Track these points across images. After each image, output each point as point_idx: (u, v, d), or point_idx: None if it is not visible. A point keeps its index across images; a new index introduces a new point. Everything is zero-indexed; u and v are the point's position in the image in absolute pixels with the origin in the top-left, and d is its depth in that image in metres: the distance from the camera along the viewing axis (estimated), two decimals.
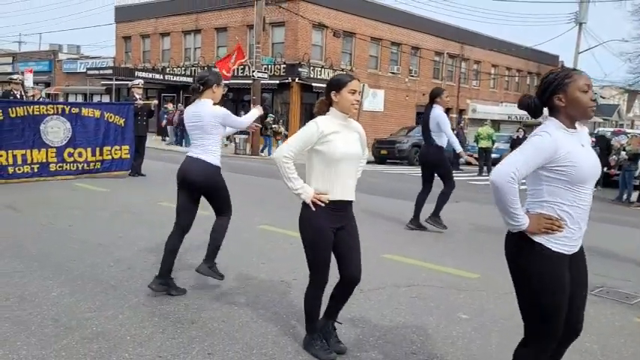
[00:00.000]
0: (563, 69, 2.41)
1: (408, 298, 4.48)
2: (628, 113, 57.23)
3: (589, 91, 2.31)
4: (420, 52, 31.03)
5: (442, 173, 7.32)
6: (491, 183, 2.27)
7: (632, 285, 5.23)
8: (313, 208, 3.04)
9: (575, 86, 2.30)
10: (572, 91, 2.29)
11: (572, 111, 2.31)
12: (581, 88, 2.29)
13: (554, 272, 2.30)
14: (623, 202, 12.66)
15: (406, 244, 6.53)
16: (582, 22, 28.83)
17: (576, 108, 2.30)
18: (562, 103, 2.32)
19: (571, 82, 2.30)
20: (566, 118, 2.33)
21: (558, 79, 2.33)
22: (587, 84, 2.31)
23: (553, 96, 2.34)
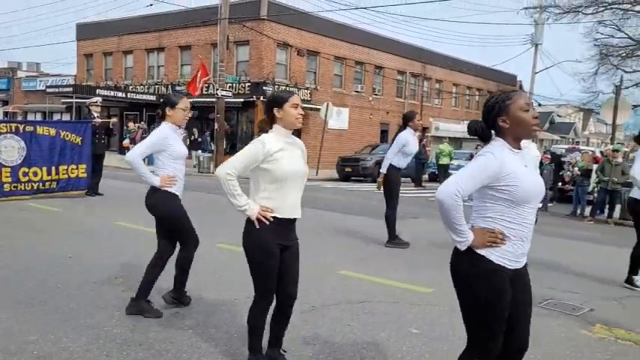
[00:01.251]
0: (503, 92, 2.47)
1: (361, 314, 4.50)
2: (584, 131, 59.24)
3: (530, 110, 2.38)
4: (383, 72, 31.52)
5: (388, 193, 7.42)
6: (437, 200, 2.33)
7: (579, 297, 5.37)
8: (257, 225, 3.03)
9: (516, 106, 2.37)
10: (514, 112, 2.37)
11: (516, 131, 2.38)
12: (522, 107, 2.37)
13: (495, 284, 2.35)
14: (577, 216, 13.03)
15: (364, 260, 6.57)
16: (538, 43, 29.88)
17: (520, 127, 2.37)
18: (506, 125, 2.38)
19: (512, 103, 2.38)
20: (512, 138, 2.40)
21: (499, 102, 2.41)
22: (527, 103, 2.39)
23: (497, 118, 2.41)
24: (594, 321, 4.64)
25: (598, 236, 10.04)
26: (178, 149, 4.16)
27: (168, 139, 4.09)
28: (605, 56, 29.77)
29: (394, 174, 7.35)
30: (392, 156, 7.26)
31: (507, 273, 2.37)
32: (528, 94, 30.34)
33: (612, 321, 4.66)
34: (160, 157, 4.12)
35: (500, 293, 2.35)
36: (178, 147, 4.16)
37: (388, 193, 7.44)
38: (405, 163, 7.36)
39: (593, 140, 56.32)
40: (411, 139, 7.19)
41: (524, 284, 2.49)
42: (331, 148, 26.16)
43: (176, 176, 4.15)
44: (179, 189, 4.20)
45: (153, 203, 4.14)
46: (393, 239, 7.42)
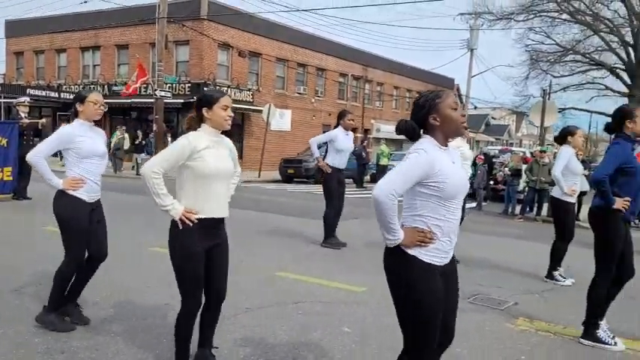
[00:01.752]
0: (432, 91, 2.56)
1: (295, 314, 4.53)
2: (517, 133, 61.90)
3: (458, 108, 2.48)
4: (325, 74, 31.76)
5: (326, 193, 7.52)
6: (374, 199, 2.37)
7: (505, 292, 5.61)
8: (181, 226, 2.99)
9: (445, 105, 2.45)
10: (444, 110, 2.45)
11: (445, 128, 2.46)
12: (451, 106, 2.46)
13: (427, 282, 2.41)
14: (508, 215, 13.59)
15: (301, 261, 6.60)
16: (473, 48, 30.91)
17: (450, 125, 2.46)
18: (437, 122, 2.46)
19: (441, 101, 2.46)
20: (441, 135, 2.47)
21: (430, 100, 2.48)
22: (455, 102, 2.48)
23: (428, 116, 2.48)
24: (518, 314, 4.86)
25: (526, 233, 10.51)
26: (87, 147, 3.79)
27: (74, 136, 3.77)
28: (536, 61, 31.18)
29: (332, 174, 7.42)
30: (315, 142, 7.37)
31: (438, 270, 2.45)
32: (465, 97, 31.42)
33: (534, 314, 4.90)
34: (67, 156, 3.81)
35: (433, 291, 2.42)
36: (88, 145, 3.80)
37: (327, 192, 7.54)
38: (340, 161, 7.43)
39: (526, 142, 58.85)
40: (340, 135, 7.30)
41: (451, 276, 2.57)
42: (274, 149, 26.10)
43: (83, 178, 3.79)
44: (89, 192, 3.83)
45: (54, 208, 3.83)
46: (328, 239, 7.49)
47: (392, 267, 2.48)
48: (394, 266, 2.47)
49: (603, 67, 30.55)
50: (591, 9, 29.19)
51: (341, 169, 7.49)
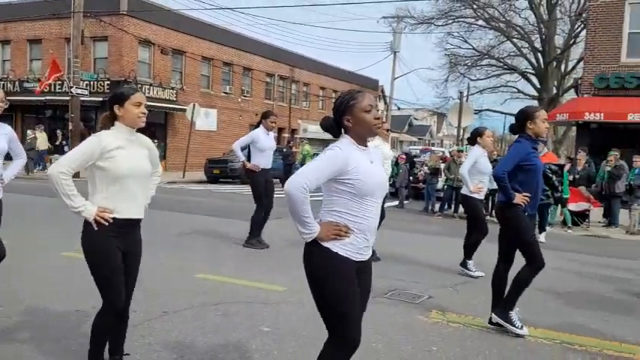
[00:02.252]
0: (350, 92, 2.62)
1: (214, 316, 4.48)
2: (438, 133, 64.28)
3: (372, 111, 2.52)
4: (251, 73, 31.56)
5: (252, 193, 7.52)
6: (286, 192, 2.39)
7: (420, 286, 5.83)
8: (95, 227, 2.89)
9: (359, 107, 2.50)
10: (357, 112, 2.50)
11: (359, 129, 2.52)
12: (364, 108, 2.50)
13: (342, 276, 2.47)
14: (428, 212, 14.11)
15: (222, 262, 6.54)
16: (396, 50, 31.79)
17: (362, 126, 2.51)
18: (349, 124, 2.52)
19: (355, 103, 2.51)
20: (356, 136, 2.53)
21: (345, 102, 2.53)
22: (370, 104, 2.53)
23: (342, 117, 2.54)
24: (431, 307, 5.06)
25: (445, 230, 10.95)
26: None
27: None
28: (454, 65, 32.55)
29: (259, 174, 7.41)
30: (239, 146, 7.34)
31: (353, 265, 2.51)
32: (388, 98, 32.23)
33: (446, 306, 5.12)
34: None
35: (349, 283, 2.48)
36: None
37: (255, 193, 7.51)
38: (263, 160, 7.41)
39: (447, 142, 61.20)
40: (261, 136, 7.31)
41: (365, 275, 2.63)
42: (199, 149, 25.65)
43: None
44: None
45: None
46: (252, 239, 7.47)
47: (308, 260, 2.52)
48: (310, 260, 2.51)
49: (515, 71, 32.35)
50: (504, 16, 30.84)
51: (267, 169, 7.49)
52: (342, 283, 2.47)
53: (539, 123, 4.34)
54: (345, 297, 2.47)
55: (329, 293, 2.47)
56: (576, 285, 6.44)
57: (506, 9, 31.11)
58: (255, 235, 7.52)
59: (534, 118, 4.34)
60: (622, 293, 6.16)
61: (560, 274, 6.89)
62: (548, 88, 30.69)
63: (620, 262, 8.33)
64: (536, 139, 4.44)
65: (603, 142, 15.98)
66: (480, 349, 4.05)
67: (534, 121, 4.34)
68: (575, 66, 31.16)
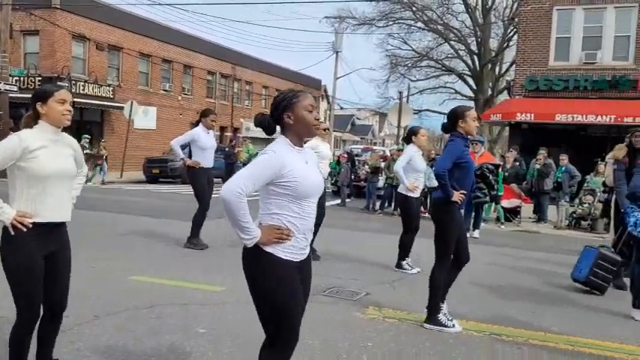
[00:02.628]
0: (292, 90, 2.61)
1: (147, 319, 4.38)
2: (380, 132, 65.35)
3: (313, 111, 2.53)
4: (192, 71, 31.00)
5: (194, 193, 7.41)
6: (222, 199, 2.35)
7: (358, 283, 5.91)
8: (12, 232, 2.76)
9: (301, 106, 2.50)
10: (299, 110, 2.50)
11: (298, 128, 2.51)
12: (306, 107, 2.51)
13: (285, 277, 2.46)
14: (369, 210, 14.32)
15: (158, 263, 6.39)
16: (338, 50, 32.07)
17: (302, 125, 2.51)
18: (290, 121, 2.51)
19: (298, 101, 2.51)
20: (295, 135, 2.52)
21: (287, 99, 2.52)
22: (311, 104, 2.54)
23: (283, 114, 2.52)
24: (368, 304, 5.14)
25: (385, 227, 11.14)
26: None
27: None
28: (395, 65, 33.21)
29: (200, 173, 7.29)
30: (177, 144, 7.20)
31: (295, 266, 2.51)
32: (331, 98, 32.49)
33: (383, 302, 5.22)
34: None
35: (292, 285, 2.48)
36: None
37: (197, 192, 7.40)
38: (205, 159, 7.32)
39: (389, 141, 62.33)
40: (201, 134, 7.20)
41: (306, 272, 2.63)
42: (138, 148, 24.93)
43: None
44: None
45: None
46: (192, 239, 7.34)
47: (250, 265, 2.50)
48: (252, 264, 2.49)
49: (453, 72, 33.35)
50: (442, 19, 31.73)
51: (208, 168, 7.38)
52: (286, 287, 2.47)
53: (469, 122, 4.49)
54: (289, 301, 2.47)
55: (273, 298, 2.46)
56: (507, 278, 6.71)
57: (444, 12, 32.04)
58: (195, 235, 7.39)
59: (465, 117, 4.49)
60: (549, 286, 6.47)
61: (493, 269, 7.17)
62: (484, 89, 31.83)
63: (549, 255, 8.74)
64: (467, 137, 4.59)
65: (534, 142, 16.71)
66: (414, 343, 4.15)
67: (465, 120, 4.49)
68: (509, 68, 32.46)
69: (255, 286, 2.50)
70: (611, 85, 17.71)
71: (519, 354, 4.05)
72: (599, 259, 6.03)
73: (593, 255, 6.09)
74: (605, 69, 17.90)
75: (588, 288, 6.12)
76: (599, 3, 17.96)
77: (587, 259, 6.15)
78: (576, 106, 17.42)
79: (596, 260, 6.03)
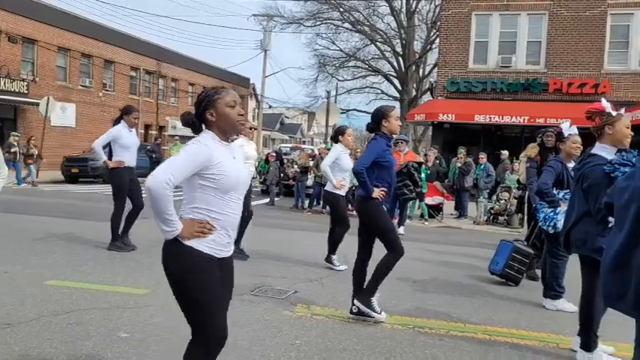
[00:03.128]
0: (215, 87, 2.57)
1: (65, 325, 4.17)
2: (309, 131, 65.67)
3: (236, 107, 2.51)
4: (114, 66, 29.83)
5: (112, 192, 7.15)
6: (148, 189, 2.29)
7: (286, 281, 5.93)
8: None
9: (223, 102, 2.48)
10: (221, 107, 2.48)
11: (222, 125, 2.49)
12: (228, 103, 2.48)
13: (206, 273, 2.43)
14: (298, 209, 14.39)
15: (78, 266, 6.11)
16: (267, 49, 31.95)
17: (225, 122, 2.49)
18: (213, 118, 2.48)
19: (219, 98, 2.48)
20: (219, 131, 2.50)
21: (209, 97, 2.49)
22: (234, 100, 2.51)
23: (205, 112, 2.48)
24: (297, 301, 5.17)
25: (313, 225, 11.23)
26: None
27: None
28: (323, 65, 33.55)
29: (122, 172, 7.03)
30: (100, 145, 6.91)
31: (216, 262, 2.48)
32: (260, 96, 32.33)
33: (311, 300, 5.27)
34: None
35: (212, 280, 2.45)
36: None
37: (116, 192, 7.11)
38: (127, 158, 7.06)
39: (317, 140, 62.78)
40: (123, 132, 6.95)
41: (229, 274, 2.61)
42: (55, 147, 23.67)
43: None
44: None
45: None
46: (115, 242, 7.08)
47: (170, 260, 2.46)
48: (172, 259, 2.45)
49: (379, 73, 34.13)
50: (369, 20, 32.39)
51: (132, 167, 7.13)
52: (207, 282, 2.44)
53: (392, 121, 4.62)
54: (210, 296, 2.45)
55: (193, 293, 2.43)
56: (430, 272, 6.96)
57: (370, 14, 32.73)
58: (121, 236, 7.13)
59: (388, 117, 4.62)
60: (469, 278, 6.77)
61: (417, 263, 7.40)
62: (409, 90, 32.80)
63: (469, 249, 9.15)
64: (391, 136, 4.73)
65: (455, 141, 17.46)
66: (340, 339, 4.21)
67: (388, 120, 4.61)
68: (431, 70, 33.66)
69: (174, 281, 2.47)
70: (524, 87, 18.79)
71: (440, 345, 4.21)
72: (513, 253, 6.38)
73: (509, 249, 6.44)
74: (519, 72, 18.97)
75: (504, 280, 6.47)
76: (514, 9, 18.99)
77: (503, 253, 6.50)
78: (493, 107, 18.35)
79: (511, 253, 6.39)
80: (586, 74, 18.29)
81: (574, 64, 18.42)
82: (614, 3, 18.08)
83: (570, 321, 4.86)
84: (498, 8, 19.09)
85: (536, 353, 4.14)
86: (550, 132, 6.60)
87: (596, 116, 3.76)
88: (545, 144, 6.63)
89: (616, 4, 18.09)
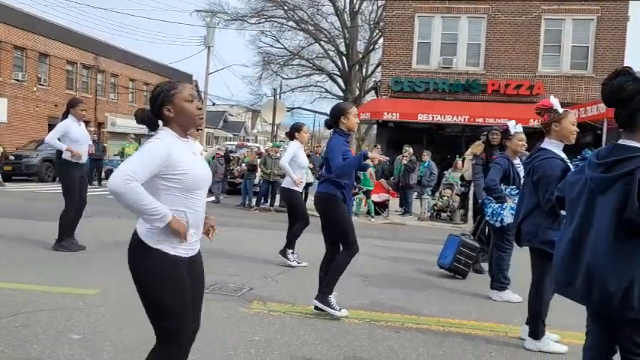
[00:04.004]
0: (170, 81, 2.50)
1: (11, 328, 3.98)
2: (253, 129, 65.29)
3: (194, 101, 2.44)
4: (49, 60, 28.52)
5: (63, 190, 6.89)
6: (112, 192, 2.21)
7: (241, 279, 5.89)
8: None
9: (180, 97, 2.41)
10: (179, 102, 2.41)
11: (181, 120, 2.43)
12: (186, 98, 2.42)
13: (174, 275, 2.37)
14: (246, 207, 14.29)
15: (21, 267, 5.84)
16: (210, 45, 31.42)
17: (184, 117, 2.42)
18: (171, 114, 2.41)
19: (176, 93, 2.41)
20: (178, 127, 2.43)
21: (164, 92, 2.42)
22: (191, 94, 2.45)
23: (162, 107, 2.41)
24: (252, 298, 5.15)
25: (262, 223, 11.20)
26: None
27: None
28: (267, 63, 33.40)
29: (72, 170, 6.78)
30: (54, 138, 6.64)
31: (184, 262, 2.43)
32: (203, 93, 31.81)
33: (267, 296, 5.26)
34: None
35: (181, 283, 2.40)
36: None
37: (66, 190, 6.85)
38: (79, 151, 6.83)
39: (261, 138, 62.51)
40: (73, 126, 6.71)
41: (198, 268, 2.57)
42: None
43: None
44: None
45: None
46: (62, 241, 6.80)
47: (136, 261, 2.39)
48: (138, 260, 2.38)
49: (323, 72, 34.33)
50: (313, 19, 32.50)
51: (82, 163, 6.89)
52: (172, 285, 2.38)
53: (351, 118, 4.69)
54: (179, 299, 2.39)
55: (162, 297, 2.37)
56: (380, 268, 7.09)
57: (314, 13, 32.85)
58: (68, 236, 6.85)
59: (347, 114, 4.68)
60: (418, 272, 6.94)
61: (368, 259, 7.51)
62: (352, 89, 33.16)
63: (415, 245, 9.38)
64: (348, 133, 4.79)
65: (399, 139, 17.81)
66: (299, 334, 4.24)
67: (347, 117, 4.68)
68: (374, 70, 34.20)
69: (140, 283, 2.40)
70: (465, 88, 19.42)
71: (397, 337, 4.31)
72: (461, 247, 6.60)
73: (456, 243, 6.65)
74: (459, 73, 19.58)
75: (452, 273, 6.68)
76: (455, 12, 19.59)
77: (451, 247, 6.71)
78: (436, 106, 18.86)
79: (459, 247, 6.60)
80: (522, 76, 19.11)
81: (511, 66, 19.21)
82: (548, 9, 18.99)
83: (517, 311, 5.10)
84: (440, 11, 19.63)
85: (488, 342, 4.31)
86: (496, 130, 6.86)
87: (544, 113, 3.95)
88: (491, 142, 6.89)
89: (549, 10, 19.00)
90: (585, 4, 18.69)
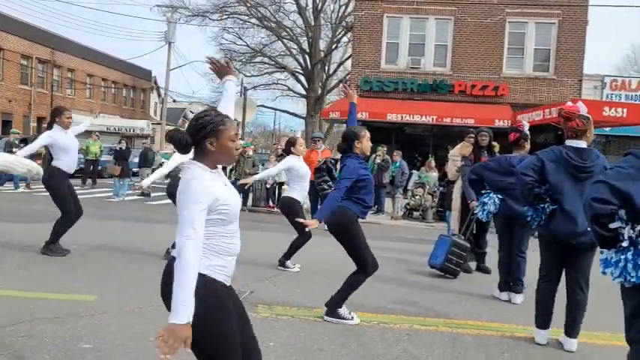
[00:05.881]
0: (218, 114, 2.39)
1: (15, 339, 3.78)
2: None
3: (236, 141, 2.39)
4: (2, 54, 27.30)
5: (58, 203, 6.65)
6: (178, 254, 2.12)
7: (239, 282, 5.71)
8: None
9: (227, 135, 2.33)
10: (224, 139, 2.33)
11: (219, 156, 2.35)
12: (231, 137, 2.34)
13: (220, 301, 2.29)
14: None
15: (11, 273, 5.57)
16: (171, 41, 30.77)
17: (224, 155, 2.35)
18: (212, 148, 2.31)
19: (225, 130, 2.33)
20: (212, 161, 2.34)
21: (213, 125, 2.32)
22: (236, 134, 2.38)
23: (205, 139, 2.31)
24: (256, 302, 5.07)
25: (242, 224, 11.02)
26: None
27: None
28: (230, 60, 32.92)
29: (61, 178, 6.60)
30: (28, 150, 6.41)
31: (226, 290, 2.37)
32: (163, 90, 31.19)
33: (270, 300, 5.19)
34: None
35: (229, 310, 2.32)
36: None
37: (59, 201, 6.68)
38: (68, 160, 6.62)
39: None
40: (59, 135, 6.52)
41: (239, 304, 2.50)
42: None
43: None
44: None
45: None
46: (51, 245, 6.53)
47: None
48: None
49: (286, 70, 34.16)
50: (275, 17, 32.28)
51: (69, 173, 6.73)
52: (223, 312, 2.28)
53: (364, 142, 4.73)
54: (226, 328, 2.29)
55: (214, 331, 2.24)
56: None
57: (277, 10, 32.61)
58: (54, 240, 6.59)
59: (361, 138, 4.70)
60: (409, 272, 6.98)
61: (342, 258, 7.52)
62: (315, 87, 33.13)
63: (395, 244, 9.40)
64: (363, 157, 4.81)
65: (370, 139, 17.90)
66: (313, 339, 4.20)
67: (361, 141, 4.70)
68: (337, 69, 34.33)
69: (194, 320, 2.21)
70: (432, 88, 19.72)
71: (409, 340, 4.33)
72: (452, 247, 6.69)
73: (448, 243, 6.74)
74: (427, 74, 19.88)
75: (443, 273, 6.75)
76: (422, 14, 19.86)
77: (442, 247, 6.79)
78: (405, 106, 19.08)
79: (450, 247, 6.68)
80: (487, 77, 19.56)
81: (476, 67, 19.64)
82: (512, 12, 19.50)
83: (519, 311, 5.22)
84: (408, 11, 19.86)
85: (499, 343, 4.39)
86: (484, 131, 6.99)
87: (575, 118, 4.08)
88: (480, 143, 7.02)
89: (513, 13, 19.52)
90: (547, 9, 19.30)
